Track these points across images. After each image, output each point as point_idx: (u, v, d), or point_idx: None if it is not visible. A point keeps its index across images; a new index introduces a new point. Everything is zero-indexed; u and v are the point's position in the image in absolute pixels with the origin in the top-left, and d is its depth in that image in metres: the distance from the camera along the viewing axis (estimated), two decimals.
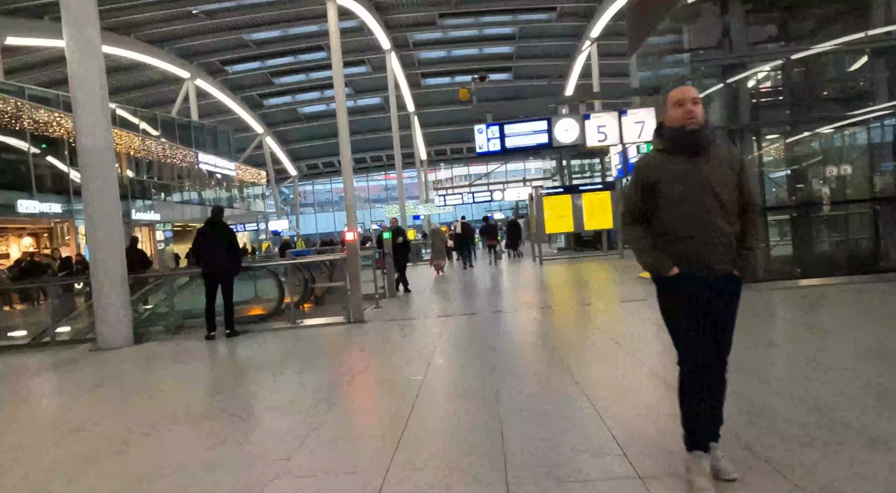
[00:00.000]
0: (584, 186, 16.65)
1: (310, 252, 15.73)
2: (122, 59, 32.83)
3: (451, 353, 5.95)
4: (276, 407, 4.51)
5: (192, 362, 6.70)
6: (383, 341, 6.93)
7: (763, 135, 7.81)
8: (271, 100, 47.14)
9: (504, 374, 4.83)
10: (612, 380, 4.50)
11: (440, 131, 53.77)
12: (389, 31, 35.33)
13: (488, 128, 9.05)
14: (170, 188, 29.17)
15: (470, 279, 15.02)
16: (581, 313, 8.03)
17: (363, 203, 66.91)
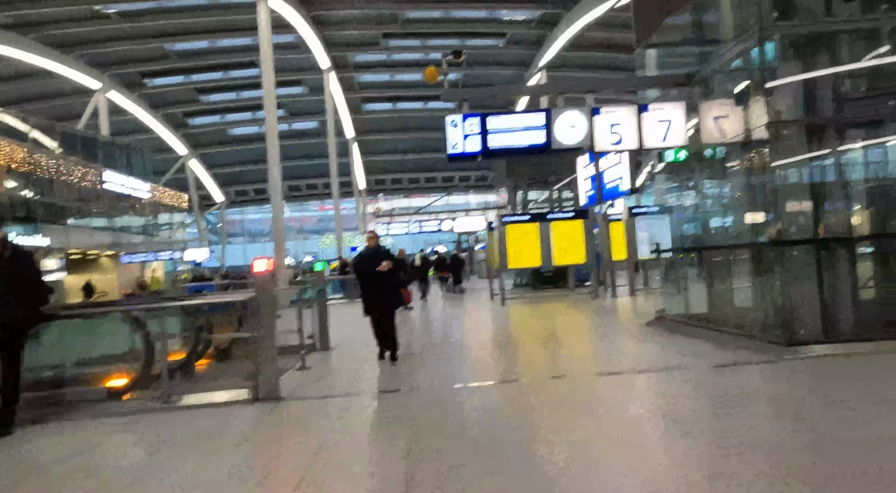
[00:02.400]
0: (553, 214, 14.51)
1: (213, 287, 12.47)
2: (19, 64, 28.74)
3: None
4: None
5: None
6: (303, 452, 4.09)
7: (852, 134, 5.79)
8: (197, 119, 43.46)
9: None
10: None
11: (381, 160, 51.36)
12: (329, 49, 32.93)
13: (465, 120, 6.65)
14: (65, 210, 25.08)
15: (429, 320, 12.41)
16: (614, 385, 5.58)
17: (296, 234, 63.23)
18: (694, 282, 7.79)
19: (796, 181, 5.78)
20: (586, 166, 15.29)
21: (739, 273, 6.79)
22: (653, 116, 6.75)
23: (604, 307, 12.41)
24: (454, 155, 6.78)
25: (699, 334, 7.01)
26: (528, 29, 32.37)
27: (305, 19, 28.11)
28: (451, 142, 6.72)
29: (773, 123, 5.51)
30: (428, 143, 49.04)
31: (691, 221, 7.78)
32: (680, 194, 8.00)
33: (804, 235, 5.76)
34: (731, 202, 6.98)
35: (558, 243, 14.16)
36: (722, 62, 6.46)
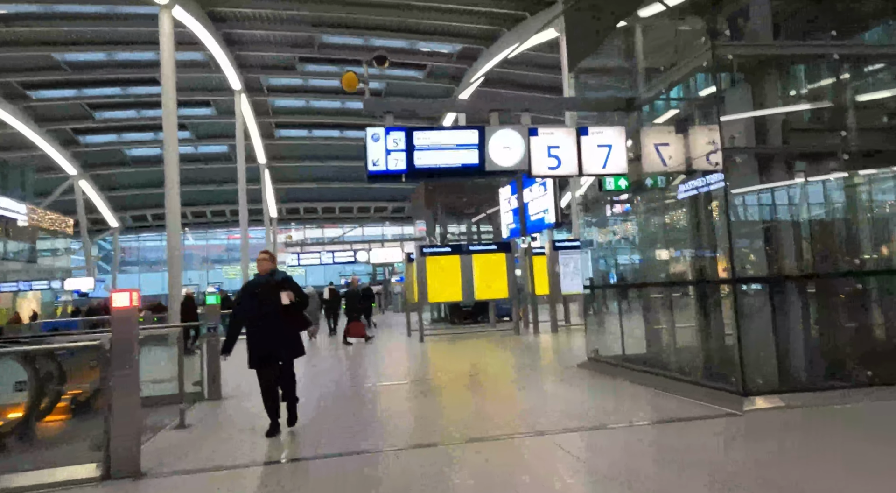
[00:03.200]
0: (475, 246, 13.86)
1: (77, 324, 10.59)
2: None
3: None
4: None
5: None
6: None
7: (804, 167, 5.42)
8: (90, 137, 39.99)
9: None
10: None
11: (294, 188, 49.48)
12: (242, 70, 31.37)
13: (389, 134, 5.78)
14: None
15: (339, 360, 11.22)
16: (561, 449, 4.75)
17: (200, 263, 59.39)
18: (631, 321, 7.25)
19: (747, 214, 5.36)
20: (508, 198, 14.86)
21: (683, 312, 6.30)
22: (592, 140, 6.22)
23: (529, 346, 11.77)
24: (375, 173, 5.86)
25: (638, 379, 6.41)
26: (448, 62, 32.42)
27: (215, 37, 26.55)
28: (372, 158, 5.81)
29: (721, 151, 5.09)
30: (344, 172, 47.86)
31: (628, 255, 7.30)
32: (615, 226, 7.52)
33: (758, 271, 5.32)
34: (674, 235, 6.54)
35: (480, 277, 13.50)
36: (666, 85, 6.08)
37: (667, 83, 6.03)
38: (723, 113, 5.12)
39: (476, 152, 5.95)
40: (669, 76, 5.96)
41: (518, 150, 6.04)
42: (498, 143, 5.98)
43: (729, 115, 5.15)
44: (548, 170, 6.27)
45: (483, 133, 5.97)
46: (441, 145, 5.91)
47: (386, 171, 5.86)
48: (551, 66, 31.35)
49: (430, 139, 5.92)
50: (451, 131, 6.11)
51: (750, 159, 5.22)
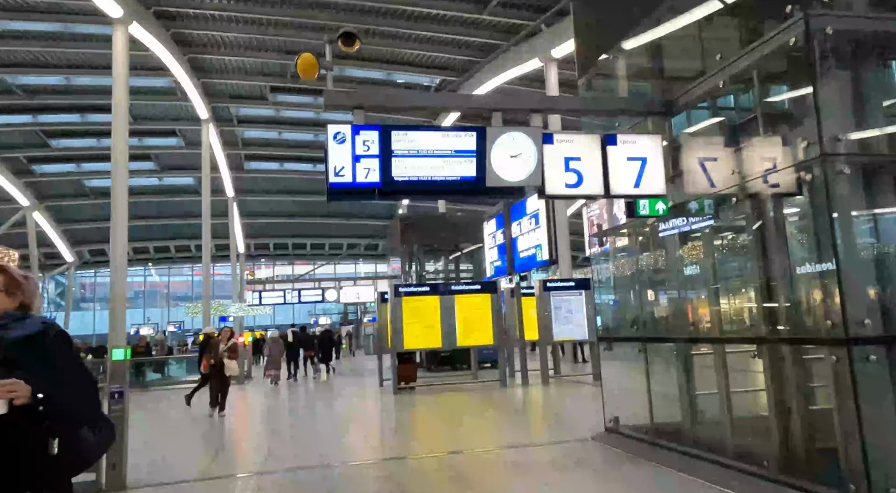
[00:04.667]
0: (457, 286, 12.36)
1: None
2: None
3: None
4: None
5: None
6: None
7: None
8: (46, 166, 37.81)
9: None
10: None
11: (263, 223, 47.61)
12: (209, 99, 29.95)
13: (358, 134, 4.28)
14: None
15: (297, 415, 9.48)
16: None
17: (162, 300, 56.54)
18: (663, 379, 5.74)
19: (852, 243, 3.95)
20: (493, 233, 13.47)
21: (745, 374, 4.85)
22: (622, 151, 4.86)
23: (521, 403, 10.18)
24: (338, 186, 4.30)
25: (680, 464, 4.88)
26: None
27: (180, 62, 25.13)
28: (334, 165, 4.27)
29: (822, 159, 3.76)
30: (315, 207, 46.27)
31: (663, 297, 5.86)
32: (644, 260, 6.11)
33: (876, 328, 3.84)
34: (734, 274, 5.13)
35: (463, 321, 11.95)
36: (724, 80, 4.76)
37: (725, 77, 4.72)
38: (819, 112, 3.81)
39: (474, 162, 4.48)
40: (729, 68, 4.65)
41: (528, 160, 4.63)
42: (503, 150, 4.56)
43: (826, 112, 3.84)
44: (565, 188, 4.86)
45: (483, 136, 4.51)
46: (428, 151, 4.43)
47: (353, 184, 4.31)
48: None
49: (413, 142, 4.43)
50: (441, 133, 4.56)
51: (855, 172, 3.90)
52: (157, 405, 12.88)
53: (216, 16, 23.23)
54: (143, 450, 6.52)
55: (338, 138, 4.39)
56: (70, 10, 21.63)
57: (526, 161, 4.67)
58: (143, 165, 38.83)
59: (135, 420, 9.69)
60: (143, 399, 14.19)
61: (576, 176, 4.86)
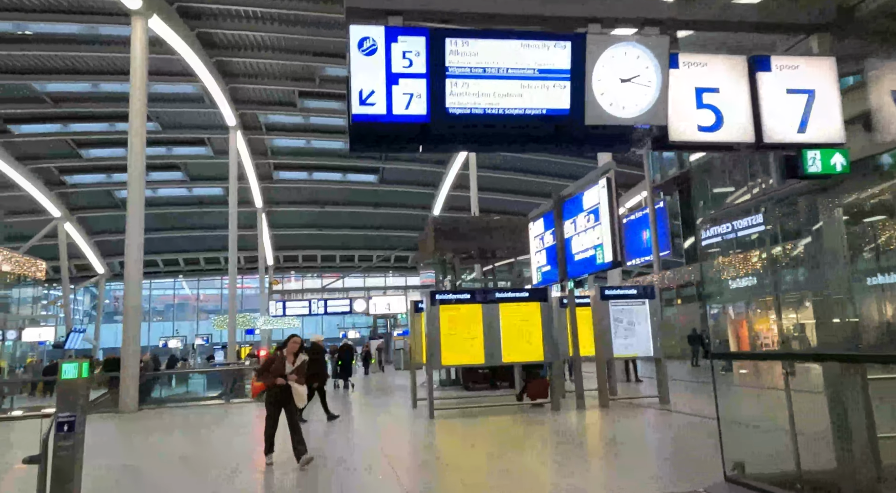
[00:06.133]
0: (502, 293, 10.82)
1: None
2: None
3: None
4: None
5: None
6: None
7: None
8: (77, 177, 37.63)
9: None
10: None
11: (292, 234, 46.81)
12: (237, 105, 29.21)
13: (396, 41, 2.89)
14: None
15: (333, 442, 8.02)
16: None
17: (191, 313, 56.16)
18: (822, 413, 4.10)
19: None
20: (541, 235, 11.93)
21: None
22: (779, 80, 3.37)
23: (589, 434, 8.51)
24: (365, 120, 2.92)
25: None
26: None
27: (207, 65, 24.38)
28: (361, 89, 2.88)
29: None
30: (345, 218, 45.30)
31: (824, 302, 4.22)
32: (791, 251, 4.49)
33: None
34: None
35: (509, 332, 10.40)
36: None
37: None
38: None
39: (566, 88, 3.04)
40: None
41: (648, 87, 3.14)
42: (610, 71, 3.08)
43: None
44: (697, 132, 3.37)
45: (582, 48, 3.01)
46: (499, 69, 2.95)
47: (387, 118, 2.89)
48: None
49: (477, 56, 2.95)
50: (520, 42, 3.05)
51: None
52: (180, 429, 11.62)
53: (241, 12, 22.39)
54: None
55: (365, 48, 2.95)
56: (90, 7, 20.98)
57: (643, 89, 3.20)
58: (172, 175, 38.47)
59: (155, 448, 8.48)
60: (164, 419, 12.98)
61: (712, 115, 3.36)
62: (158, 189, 39.57)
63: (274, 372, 6.77)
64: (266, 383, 6.84)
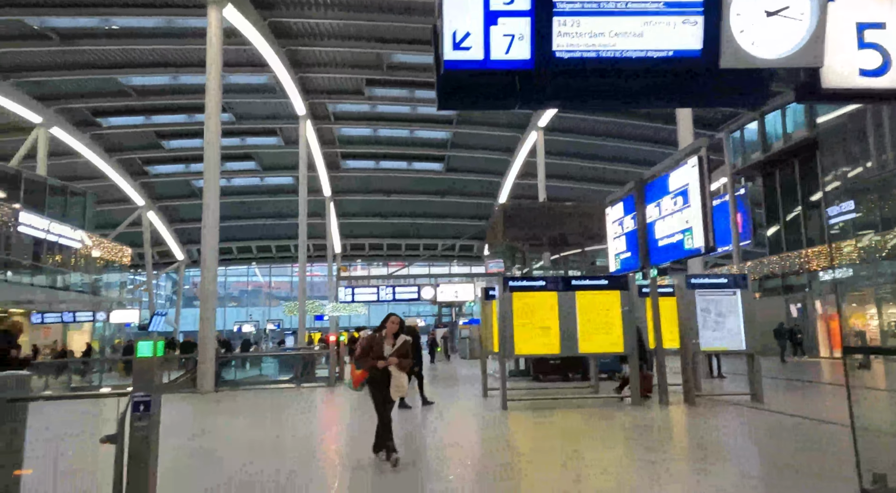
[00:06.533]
0: (580, 280, 10.27)
1: None
2: None
3: None
4: None
5: None
6: None
7: None
8: (158, 167, 39.42)
9: None
10: None
11: (358, 223, 47.44)
12: (307, 95, 29.63)
13: None
14: None
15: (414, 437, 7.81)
16: None
17: (263, 299, 58.17)
18: None
19: None
20: (620, 219, 11.25)
21: None
22: None
23: (679, 433, 7.89)
24: (460, 67, 2.50)
25: None
26: None
27: (279, 55, 24.77)
28: (455, 30, 2.50)
29: None
30: (411, 206, 45.45)
31: None
32: None
33: None
34: None
35: (587, 322, 9.86)
36: None
37: None
38: None
39: (699, 24, 2.54)
40: None
41: (799, 20, 2.60)
42: (751, 1, 2.58)
43: None
44: (858, 77, 2.78)
45: None
46: (619, 4, 2.52)
47: (484, 62, 2.53)
48: None
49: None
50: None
51: None
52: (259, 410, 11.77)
53: (311, 0, 22.52)
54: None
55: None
56: None
57: (794, 23, 2.65)
58: (245, 164, 39.63)
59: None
60: (239, 402, 13.24)
61: (878, 56, 2.78)
62: (233, 179, 40.90)
63: (375, 357, 5.95)
64: (367, 369, 5.96)
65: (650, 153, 32.90)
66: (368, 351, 5.96)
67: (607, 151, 36.10)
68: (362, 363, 5.98)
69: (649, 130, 32.72)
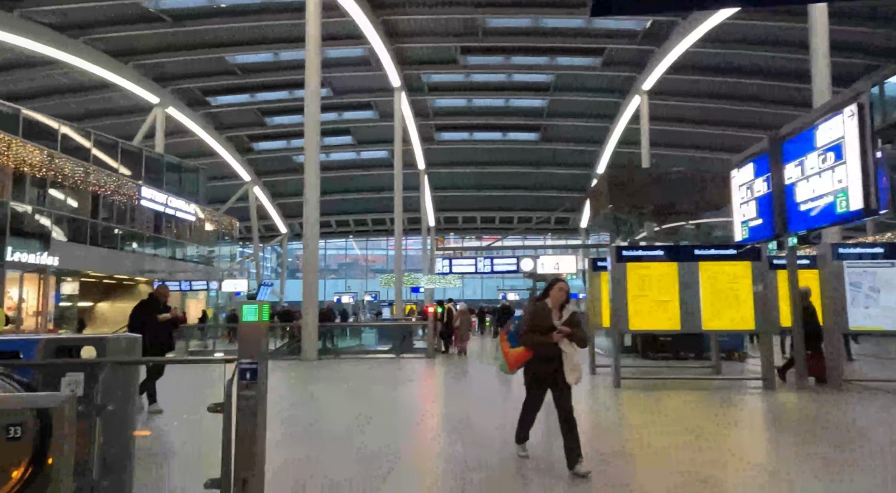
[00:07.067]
0: (703, 249, 9.27)
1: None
2: (74, 72, 26.92)
3: None
4: None
5: None
6: None
7: None
8: (262, 144, 41.04)
9: None
10: None
11: (452, 196, 47.30)
12: (401, 66, 29.42)
13: None
14: (83, 225, 22.09)
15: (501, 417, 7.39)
16: None
17: (361, 272, 59.93)
18: None
19: None
20: (749, 183, 10.04)
21: None
22: None
23: (836, 423, 6.85)
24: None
25: None
26: (630, 43, 27.59)
27: (375, 26, 24.63)
28: None
29: None
30: (504, 179, 44.65)
31: None
32: None
33: None
34: None
35: (712, 296, 8.90)
36: None
37: None
38: None
39: None
40: None
41: None
42: None
43: None
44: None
45: None
46: None
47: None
48: (786, 43, 25.16)
49: None
50: None
51: None
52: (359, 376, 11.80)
53: None
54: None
55: None
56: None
57: None
58: (342, 139, 40.40)
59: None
60: (342, 369, 13.40)
61: None
62: (331, 154, 41.88)
63: (542, 331, 4.65)
64: (533, 347, 4.70)
65: (774, 116, 29.88)
66: (534, 323, 4.72)
67: (722, 116, 33.26)
68: (527, 340, 4.73)
69: (773, 89, 29.71)
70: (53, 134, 20.67)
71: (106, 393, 3.66)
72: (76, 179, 20.43)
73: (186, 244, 29.59)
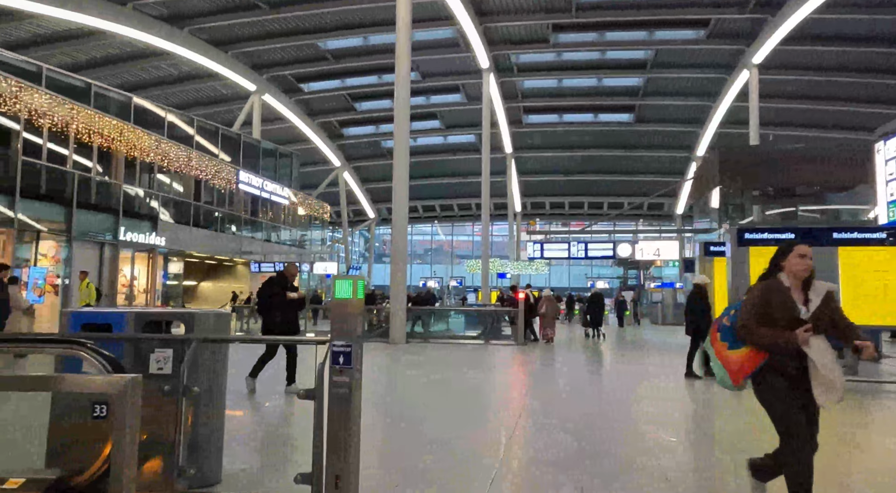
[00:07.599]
0: (842, 232, 8.11)
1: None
2: (179, 62, 28.35)
3: None
4: None
5: None
6: None
7: None
8: (352, 129, 41.69)
9: None
10: None
11: (539, 180, 46.12)
12: (490, 47, 28.69)
13: None
14: (187, 208, 23.19)
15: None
16: None
17: (447, 257, 60.05)
18: None
19: None
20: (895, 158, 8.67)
21: None
22: None
23: None
24: None
25: None
26: (739, 13, 25.35)
27: (465, 4, 24.06)
28: None
29: None
30: (595, 163, 42.96)
31: None
32: None
33: None
34: None
35: (855, 286, 7.76)
36: None
37: None
38: None
39: None
40: None
41: None
42: None
43: None
44: None
45: None
46: None
47: None
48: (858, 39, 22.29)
49: None
50: None
51: None
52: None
53: None
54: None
55: None
56: None
57: None
58: (430, 124, 40.23)
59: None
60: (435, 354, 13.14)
61: None
62: (418, 138, 41.90)
63: (784, 323, 3.07)
64: (770, 347, 3.11)
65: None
66: (766, 313, 3.13)
67: (839, 90, 30.08)
68: (759, 338, 3.10)
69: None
70: (160, 121, 21.76)
71: (193, 371, 3.42)
72: (180, 164, 21.43)
73: (280, 228, 30.58)
